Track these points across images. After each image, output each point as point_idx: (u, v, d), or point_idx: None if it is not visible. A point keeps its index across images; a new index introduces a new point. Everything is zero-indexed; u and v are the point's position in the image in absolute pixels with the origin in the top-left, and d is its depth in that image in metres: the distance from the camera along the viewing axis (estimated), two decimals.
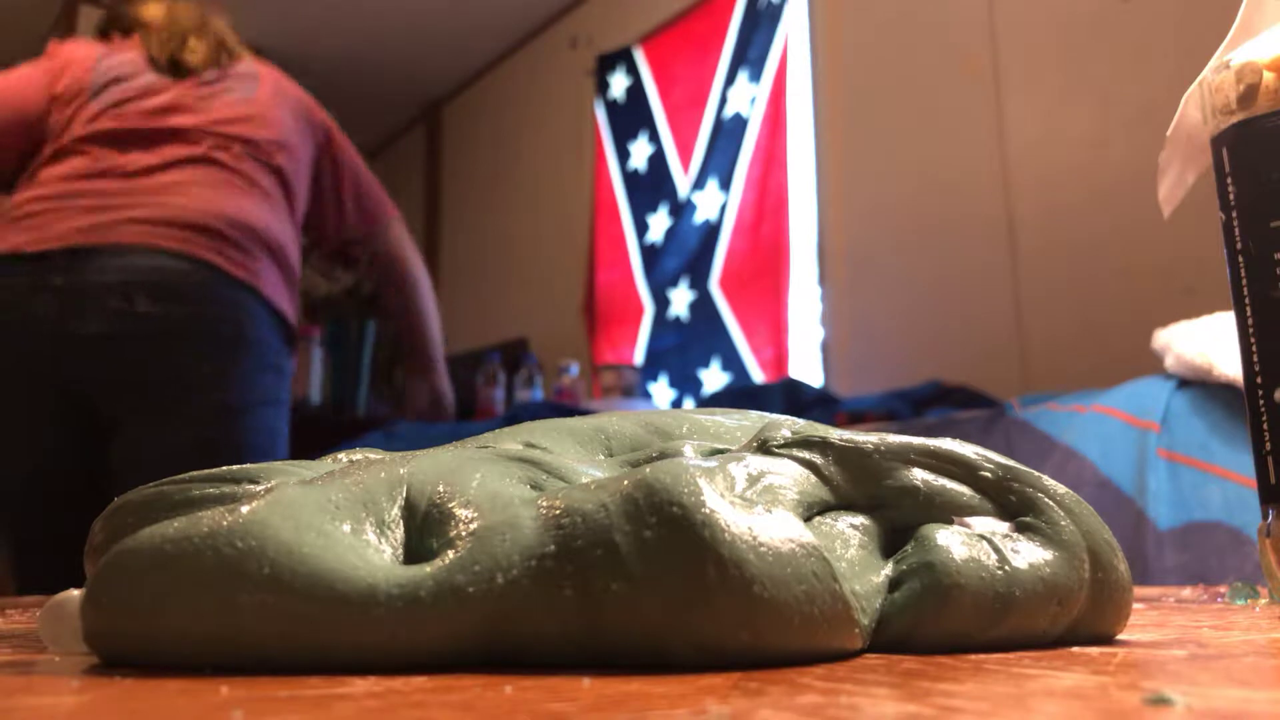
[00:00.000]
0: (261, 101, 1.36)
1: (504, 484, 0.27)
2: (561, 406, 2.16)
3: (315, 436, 2.08)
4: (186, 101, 1.31)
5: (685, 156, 2.81)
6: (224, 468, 0.30)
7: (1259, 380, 0.41)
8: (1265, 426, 0.41)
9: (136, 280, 1.17)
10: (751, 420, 0.36)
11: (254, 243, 1.26)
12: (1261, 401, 0.41)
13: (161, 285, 1.18)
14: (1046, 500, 0.30)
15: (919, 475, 0.30)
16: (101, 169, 1.23)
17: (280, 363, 1.32)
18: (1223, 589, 0.51)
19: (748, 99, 2.62)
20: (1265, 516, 0.41)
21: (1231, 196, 0.42)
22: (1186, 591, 0.54)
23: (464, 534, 0.25)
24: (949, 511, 0.29)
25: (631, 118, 3.01)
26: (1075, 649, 0.28)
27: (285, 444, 1.34)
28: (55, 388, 1.18)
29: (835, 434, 0.31)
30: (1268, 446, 0.40)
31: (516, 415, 2.01)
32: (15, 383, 1.19)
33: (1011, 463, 0.31)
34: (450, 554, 0.24)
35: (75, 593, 0.26)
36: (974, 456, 0.31)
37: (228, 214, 1.23)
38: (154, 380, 1.19)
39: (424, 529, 0.26)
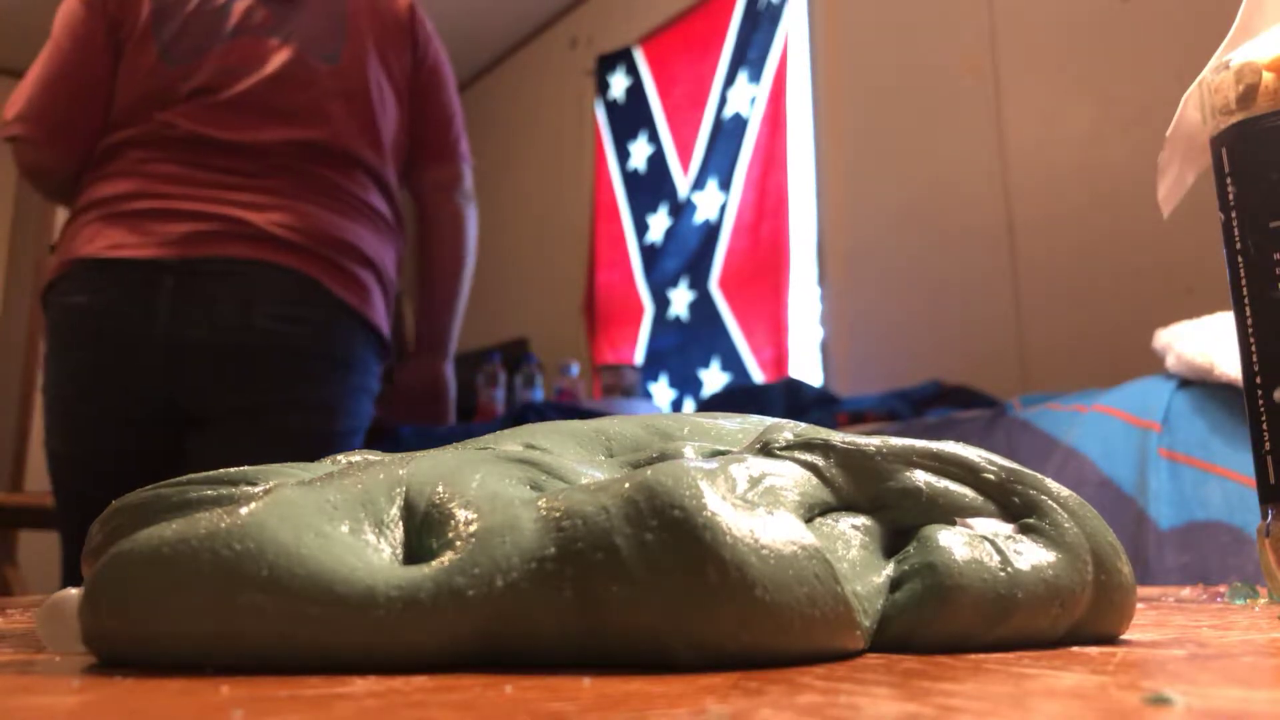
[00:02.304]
0: (350, 61, 1.27)
1: (504, 484, 0.27)
2: (569, 407, 2.16)
3: None
4: (266, 42, 1.24)
5: (685, 156, 2.81)
6: (221, 470, 0.30)
7: (1258, 380, 0.41)
8: (1265, 426, 0.41)
9: (252, 295, 1.16)
10: (753, 423, 0.36)
11: (363, 267, 1.24)
12: (1261, 401, 0.41)
13: (277, 303, 1.17)
14: (1050, 502, 0.30)
15: (921, 477, 0.30)
16: (198, 160, 1.20)
17: (375, 384, 1.31)
18: (1222, 589, 0.51)
19: (747, 99, 2.62)
20: (1265, 516, 0.41)
21: (1231, 197, 0.42)
22: (1186, 591, 0.54)
23: (464, 535, 0.25)
24: (951, 513, 0.29)
25: (631, 118, 3.01)
26: (1075, 649, 0.28)
27: None
28: (158, 392, 1.17)
29: (837, 437, 0.31)
30: (1267, 446, 0.40)
31: (523, 415, 2.00)
32: (111, 382, 1.17)
33: (1015, 465, 0.31)
34: (450, 555, 0.24)
35: (73, 591, 0.26)
36: (977, 459, 0.31)
37: (336, 236, 1.21)
38: (258, 397, 1.18)
39: (423, 529, 0.26)
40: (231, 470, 0.30)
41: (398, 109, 1.34)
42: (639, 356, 2.84)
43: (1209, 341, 1.06)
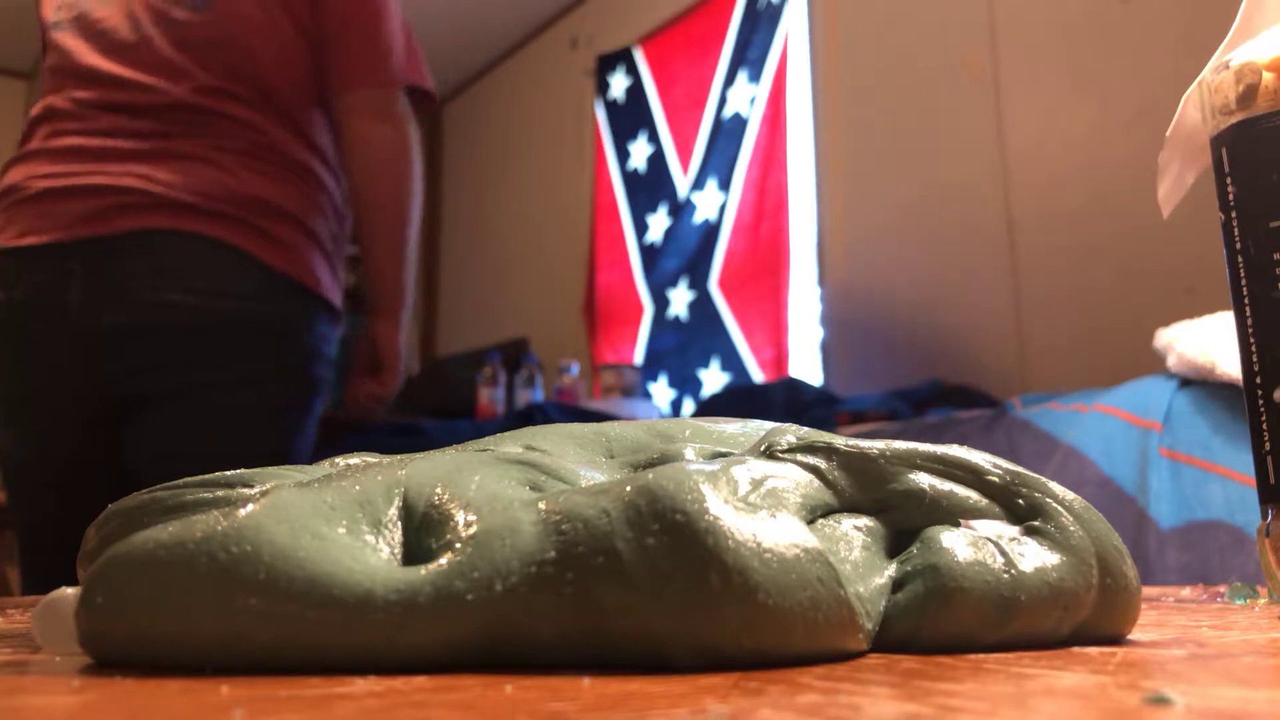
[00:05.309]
0: (225, 4, 1.18)
1: (503, 486, 0.27)
2: (573, 408, 2.16)
3: (316, 436, 2.08)
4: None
5: (685, 156, 2.81)
6: (218, 473, 0.30)
7: (1259, 380, 0.41)
8: (1265, 426, 0.41)
9: (163, 268, 1.10)
10: (754, 427, 0.36)
11: (284, 224, 1.15)
12: (1261, 402, 0.41)
13: (193, 274, 1.11)
14: (1055, 505, 0.30)
15: (925, 479, 0.30)
16: (96, 128, 1.14)
17: (326, 347, 1.21)
18: (1222, 589, 0.51)
19: (747, 99, 2.62)
20: (1265, 516, 0.41)
21: (1231, 196, 0.42)
22: (1186, 591, 0.54)
23: (463, 536, 0.25)
24: (955, 515, 0.29)
25: (631, 118, 3.01)
26: (1075, 649, 0.28)
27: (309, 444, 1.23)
28: (85, 382, 1.13)
29: (840, 440, 0.31)
30: (1267, 446, 0.40)
31: (529, 415, 2.00)
32: (42, 378, 1.13)
33: (1020, 468, 0.31)
34: (449, 557, 0.24)
35: (69, 591, 0.26)
36: (981, 462, 0.31)
37: (249, 195, 1.13)
38: (197, 376, 1.13)
39: (422, 530, 0.26)
40: (229, 473, 0.29)
41: (301, 41, 1.21)
42: (639, 356, 2.84)
43: (1210, 341, 1.05)
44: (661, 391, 2.73)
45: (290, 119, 1.20)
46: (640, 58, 3.01)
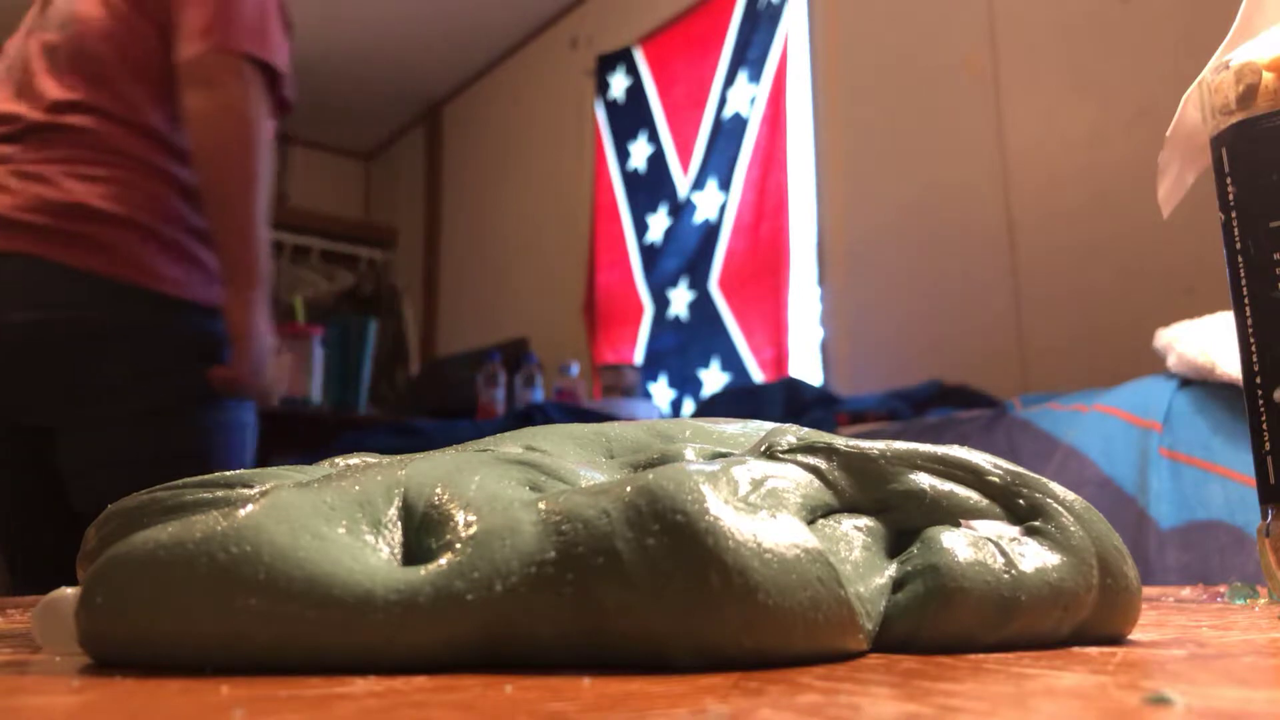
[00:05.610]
0: (83, 17, 1.19)
1: (503, 486, 0.27)
2: (574, 408, 2.16)
3: (315, 436, 2.08)
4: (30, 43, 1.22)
5: (685, 156, 2.81)
6: (218, 473, 0.30)
7: (1258, 380, 0.41)
8: (1265, 427, 0.41)
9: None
10: (754, 428, 0.36)
11: (111, 226, 1.14)
12: (1261, 402, 0.41)
13: (20, 291, 1.12)
14: (1055, 506, 0.30)
15: (925, 480, 0.30)
16: None
17: (186, 342, 1.17)
18: (1222, 589, 0.51)
19: (747, 99, 2.62)
20: (1265, 516, 0.41)
21: (1231, 196, 0.42)
22: (1186, 591, 0.54)
23: (463, 537, 0.25)
24: (955, 515, 0.29)
25: (631, 118, 3.01)
26: (1075, 649, 0.28)
27: (247, 439, 1.21)
28: None
29: (840, 440, 0.31)
30: (1267, 446, 0.40)
31: (530, 415, 2.00)
32: None
33: (1020, 469, 0.31)
34: (449, 557, 0.24)
35: (69, 591, 0.26)
36: (982, 462, 0.31)
37: (67, 203, 1.13)
38: (61, 394, 1.14)
39: (422, 530, 0.26)
40: (228, 473, 0.29)
41: (163, 41, 1.19)
42: (639, 356, 2.84)
43: (1211, 341, 1.05)
44: (661, 391, 2.73)
45: (144, 120, 1.19)
46: (640, 58, 3.01)
